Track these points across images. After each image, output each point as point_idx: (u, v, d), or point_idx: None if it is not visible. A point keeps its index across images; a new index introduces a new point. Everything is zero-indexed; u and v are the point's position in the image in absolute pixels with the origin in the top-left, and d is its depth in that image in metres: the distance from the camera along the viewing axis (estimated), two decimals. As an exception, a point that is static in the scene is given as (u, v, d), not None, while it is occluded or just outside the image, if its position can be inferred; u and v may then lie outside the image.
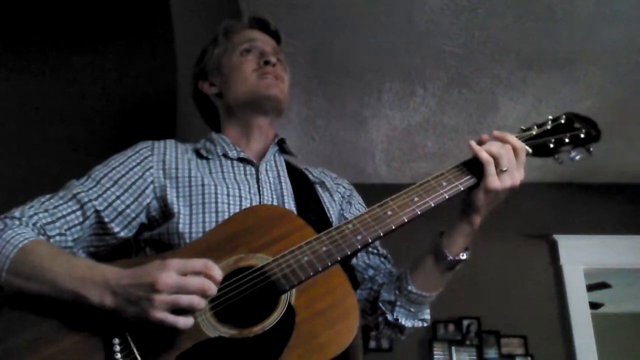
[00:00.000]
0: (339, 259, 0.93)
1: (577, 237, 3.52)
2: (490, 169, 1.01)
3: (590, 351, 3.24)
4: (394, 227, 0.97)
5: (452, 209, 1.08)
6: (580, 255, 3.52)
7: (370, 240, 0.96)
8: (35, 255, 0.91)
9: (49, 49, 1.76)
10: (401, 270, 1.14)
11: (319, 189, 1.24)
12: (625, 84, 2.79)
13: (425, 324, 1.15)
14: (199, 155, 1.18)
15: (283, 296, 0.88)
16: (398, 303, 1.10)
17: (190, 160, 1.14)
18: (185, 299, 0.80)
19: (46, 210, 1.00)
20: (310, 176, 1.27)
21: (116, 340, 0.84)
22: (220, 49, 1.29)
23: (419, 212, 0.99)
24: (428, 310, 1.15)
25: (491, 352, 3.30)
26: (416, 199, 1.00)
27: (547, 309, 3.40)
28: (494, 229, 0.95)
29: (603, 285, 4.49)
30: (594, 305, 4.08)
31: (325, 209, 1.18)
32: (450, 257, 1.05)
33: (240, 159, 1.17)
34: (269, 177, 1.16)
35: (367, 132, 3.29)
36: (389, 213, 0.98)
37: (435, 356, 3.30)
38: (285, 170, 1.21)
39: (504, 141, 1.04)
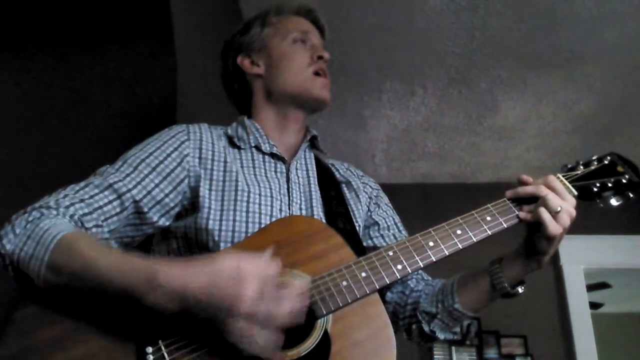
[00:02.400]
0: (377, 287, 0.91)
1: (577, 237, 3.50)
2: (545, 216, 0.97)
3: (590, 351, 3.24)
4: (434, 260, 0.96)
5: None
6: (580, 255, 3.51)
7: (410, 271, 0.94)
8: (75, 249, 0.85)
9: (49, 49, 1.76)
10: (445, 283, 1.12)
11: (345, 190, 1.22)
12: (625, 84, 2.79)
13: (455, 337, 1.15)
14: (231, 143, 1.15)
15: (319, 321, 0.86)
16: (438, 316, 1.09)
17: (225, 148, 1.12)
18: (261, 317, 0.78)
19: (82, 200, 0.95)
20: (337, 174, 1.25)
21: (149, 349, 0.81)
22: (270, 29, 1.26)
23: (460, 247, 0.97)
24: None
25: (491, 352, 3.30)
26: (459, 231, 0.98)
27: (547, 309, 3.39)
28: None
29: (603, 285, 4.49)
30: (594, 305, 4.08)
31: (351, 213, 1.16)
32: (511, 291, 1.04)
33: (272, 155, 1.15)
34: (298, 177, 1.15)
35: (367, 132, 3.29)
36: (431, 244, 0.97)
37: (435, 356, 3.30)
38: (315, 169, 1.19)
39: (548, 186, 1.01)
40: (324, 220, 1.09)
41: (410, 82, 2.85)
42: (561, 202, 0.99)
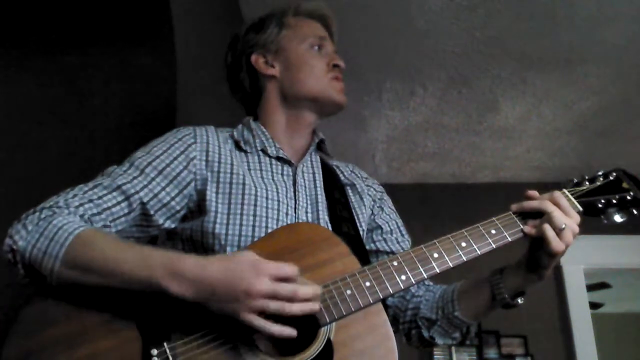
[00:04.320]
0: (381, 297, 0.91)
1: (577, 237, 3.50)
2: (549, 233, 0.98)
3: (590, 351, 3.24)
4: (438, 271, 0.96)
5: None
6: (580, 255, 3.50)
7: (414, 282, 0.95)
8: (94, 245, 0.86)
9: (49, 49, 1.76)
10: (445, 290, 1.13)
11: (350, 192, 1.23)
12: (625, 84, 2.79)
13: (454, 342, 1.16)
14: (237, 146, 1.15)
15: (322, 329, 0.87)
16: (438, 323, 1.10)
17: (231, 152, 1.12)
18: (273, 306, 0.80)
19: (91, 201, 0.96)
20: (341, 176, 1.26)
21: (154, 352, 0.81)
22: (288, 31, 1.26)
23: (465, 259, 0.98)
24: None
25: (491, 352, 3.30)
26: (463, 244, 0.99)
27: (547, 309, 3.39)
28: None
29: (603, 285, 4.49)
30: (594, 305, 4.08)
31: (356, 217, 1.17)
32: (511, 302, 1.05)
33: (279, 158, 1.16)
34: (304, 180, 1.15)
35: (367, 132, 3.29)
36: (435, 256, 0.97)
37: (435, 356, 3.30)
38: (321, 172, 1.20)
39: (554, 202, 1.02)
40: (329, 225, 1.09)
41: (410, 82, 2.84)
42: (566, 219, 0.99)
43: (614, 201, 1.08)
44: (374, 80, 2.84)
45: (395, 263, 0.95)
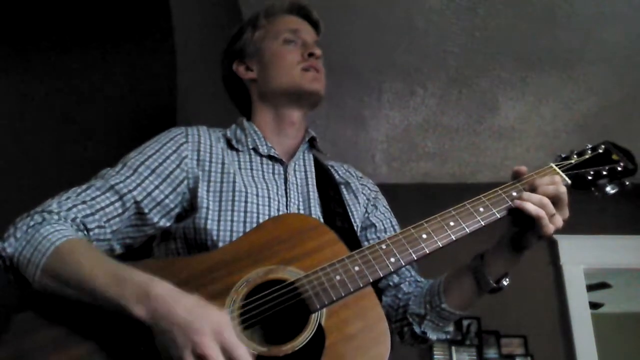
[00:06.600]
0: (371, 280, 0.91)
1: (577, 237, 3.51)
2: (543, 221, 0.96)
3: (590, 351, 3.24)
4: (428, 252, 0.95)
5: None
6: (580, 255, 3.51)
7: (403, 264, 0.93)
8: (71, 258, 0.86)
9: (49, 49, 1.76)
10: (432, 283, 1.12)
11: (344, 191, 1.22)
12: (625, 84, 2.79)
13: (448, 336, 1.14)
14: (229, 145, 1.16)
15: (313, 315, 0.86)
16: (428, 317, 1.09)
17: (223, 150, 1.12)
18: None
19: (84, 202, 0.97)
20: (335, 175, 1.25)
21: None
22: (261, 32, 1.25)
23: (454, 238, 0.96)
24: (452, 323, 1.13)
25: (491, 352, 3.30)
26: (452, 223, 0.98)
27: (547, 309, 3.39)
28: (494, 229, 0.97)
29: (603, 285, 4.49)
30: (594, 305, 4.08)
31: (350, 214, 1.17)
32: (495, 285, 1.03)
33: (270, 157, 1.16)
34: (296, 178, 1.15)
35: (367, 132, 3.29)
36: (424, 236, 0.96)
37: (435, 356, 3.30)
38: (313, 170, 1.19)
39: (548, 189, 1.00)
40: (321, 220, 1.09)
41: (410, 82, 2.85)
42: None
43: (604, 172, 1.06)
44: (374, 80, 2.84)
45: (383, 246, 0.94)
